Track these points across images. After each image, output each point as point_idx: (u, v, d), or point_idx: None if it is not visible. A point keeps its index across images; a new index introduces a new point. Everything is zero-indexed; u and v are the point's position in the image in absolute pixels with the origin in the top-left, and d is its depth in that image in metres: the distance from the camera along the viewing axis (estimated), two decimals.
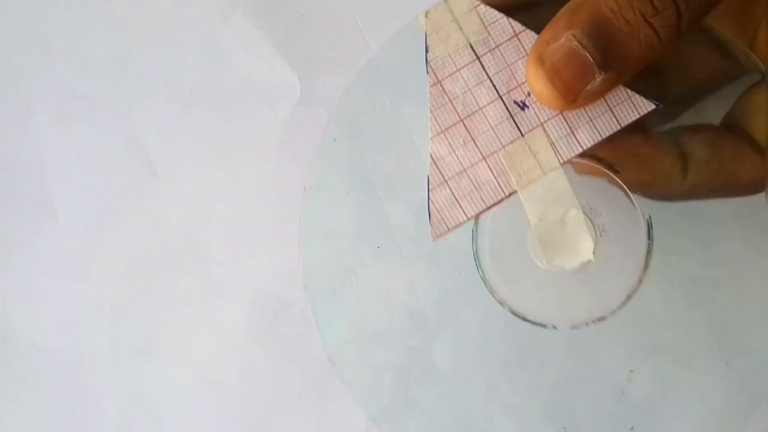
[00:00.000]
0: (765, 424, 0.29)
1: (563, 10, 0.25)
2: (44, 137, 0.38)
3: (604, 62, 0.25)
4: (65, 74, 0.37)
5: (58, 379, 0.37)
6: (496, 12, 0.27)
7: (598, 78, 0.25)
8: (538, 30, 0.26)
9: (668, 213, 0.28)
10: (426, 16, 0.27)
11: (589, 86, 0.25)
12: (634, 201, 0.28)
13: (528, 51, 0.27)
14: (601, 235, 0.28)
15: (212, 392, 0.37)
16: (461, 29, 0.27)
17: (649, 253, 0.27)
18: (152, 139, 0.37)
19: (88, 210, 0.37)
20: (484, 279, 0.28)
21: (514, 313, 0.28)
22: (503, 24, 0.27)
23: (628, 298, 0.27)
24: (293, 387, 0.36)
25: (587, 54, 0.25)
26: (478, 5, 0.27)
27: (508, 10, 0.27)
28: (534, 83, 0.26)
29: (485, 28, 0.27)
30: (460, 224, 0.27)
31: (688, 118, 0.30)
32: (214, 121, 0.37)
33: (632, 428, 0.29)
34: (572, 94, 0.25)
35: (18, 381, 0.38)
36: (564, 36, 0.25)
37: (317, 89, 0.37)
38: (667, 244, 0.28)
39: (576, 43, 0.25)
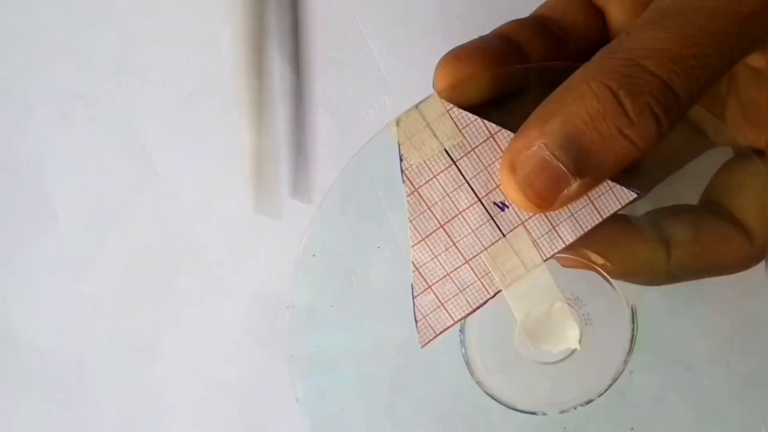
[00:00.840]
0: (764, 424, 0.29)
1: (535, 114, 0.24)
2: (44, 137, 0.38)
3: (578, 171, 0.24)
4: (65, 74, 0.37)
5: (58, 379, 0.37)
6: (469, 114, 0.26)
7: (574, 184, 0.24)
8: (512, 127, 0.26)
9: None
10: (397, 125, 0.26)
11: (565, 191, 0.24)
12: (618, 289, 0.28)
13: (504, 151, 0.26)
14: (586, 324, 0.28)
15: (212, 392, 0.37)
16: (435, 135, 0.26)
17: (633, 338, 0.28)
18: (152, 139, 0.37)
19: (88, 210, 0.37)
20: (471, 371, 0.28)
21: (502, 403, 0.28)
22: (478, 126, 0.26)
23: (614, 380, 0.28)
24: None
25: (560, 164, 0.24)
26: (450, 108, 0.26)
27: (482, 108, 0.26)
28: (507, 191, 0.25)
29: (459, 131, 0.26)
30: (448, 328, 0.27)
31: (658, 191, 0.29)
32: (214, 121, 0.37)
33: (632, 428, 0.29)
34: (546, 202, 0.25)
35: (18, 381, 0.38)
36: (536, 145, 0.24)
37: (317, 89, 0.37)
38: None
39: (548, 153, 0.24)
